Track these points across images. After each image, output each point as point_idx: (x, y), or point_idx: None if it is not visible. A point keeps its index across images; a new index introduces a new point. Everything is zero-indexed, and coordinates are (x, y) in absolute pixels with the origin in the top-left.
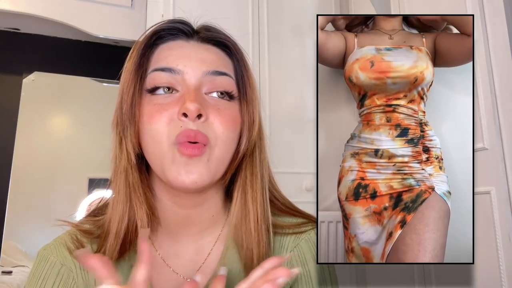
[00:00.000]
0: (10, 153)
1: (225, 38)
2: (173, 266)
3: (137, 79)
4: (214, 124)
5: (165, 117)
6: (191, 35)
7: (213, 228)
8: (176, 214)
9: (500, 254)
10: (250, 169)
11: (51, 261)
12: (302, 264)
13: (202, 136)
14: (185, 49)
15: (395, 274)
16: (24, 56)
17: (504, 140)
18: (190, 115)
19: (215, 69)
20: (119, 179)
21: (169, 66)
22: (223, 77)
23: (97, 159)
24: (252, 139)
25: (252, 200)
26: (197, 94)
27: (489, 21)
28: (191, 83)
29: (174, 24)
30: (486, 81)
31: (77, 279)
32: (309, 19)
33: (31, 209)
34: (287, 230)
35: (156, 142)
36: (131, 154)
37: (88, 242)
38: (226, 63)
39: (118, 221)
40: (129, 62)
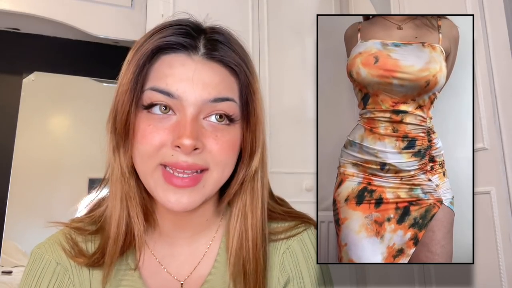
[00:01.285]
0: (10, 153)
1: (233, 60)
2: (167, 267)
3: (133, 97)
4: (211, 152)
5: (157, 141)
6: (195, 50)
7: (207, 231)
8: (170, 219)
9: (500, 254)
10: (250, 194)
11: (46, 260)
12: (294, 264)
13: (198, 166)
14: (187, 68)
15: (395, 274)
16: (24, 56)
17: (504, 140)
18: (185, 150)
19: (217, 95)
20: (115, 186)
21: (167, 89)
22: (225, 103)
23: (97, 159)
24: (252, 167)
25: (251, 226)
26: (194, 126)
27: (489, 21)
28: (189, 111)
29: (174, 38)
30: (486, 81)
31: (73, 278)
32: (309, 19)
33: (31, 209)
34: (279, 235)
35: (144, 162)
36: (124, 169)
37: (83, 240)
38: (231, 84)
39: (117, 226)
40: (126, 73)
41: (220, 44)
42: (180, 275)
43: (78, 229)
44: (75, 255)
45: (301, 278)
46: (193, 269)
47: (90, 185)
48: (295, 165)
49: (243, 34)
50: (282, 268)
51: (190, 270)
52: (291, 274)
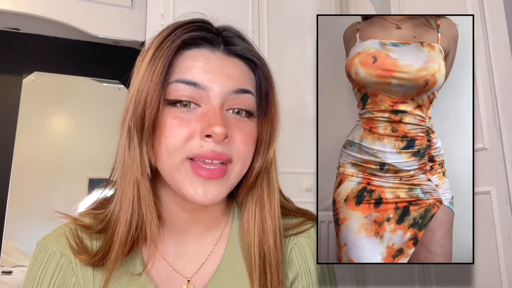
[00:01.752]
0: (10, 153)
1: (253, 54)
2: (174, 266)
3: (162, 91)
4: (236, 143)
5: (185, 133)
6: (217, 46)
7: (215, 229)
8: (180, 216)
9: (500, 254)
10: (267, 184)
11: (50, 251)
12: (302, 260)
13: (226, 156)
14: (211, 61)
15: (395, 274)
16: (24, 56)
17: (504, 140)
18: (216, 138)
19: (240, 86)
20: (128, 188)
21: (194, 80)
22: (245, 95)
23: (97, 159)
24: (269, 158)
25: (270, 217)
26: (222, 115)
27: (489, 21)
28: (216, 101)
29: (200, 33)
30: (486, 81)
31: (76, 269)
32: (309, 19)
33: (31, 209)
34: (290, 231)
35: (171, 156)
36: (147, 167)
37: (88, 238)
38: (250, 78)
39: (127, 231)
40: (151, 68)
41: (237, 40)
42: (187, 272)
43: (84, 227)
44: (78, 252)
45: (309, 274)
46: (199, 267)
47: (90, 185)
48: (295, 165)
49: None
50: (290, 264)
51: (197, 268)
52: (300, 269)
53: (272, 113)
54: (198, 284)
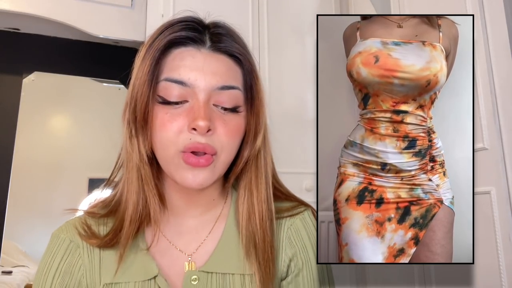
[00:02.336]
0: (10, 153)
1: (237, 50)
2: (176, 244)
3: (150, 88)
4: (220, 135)
5: (175, 127)
6: (202, 44)
7: (213, 210)
8: (180, 198)
9: (500, 254)
10: (255, 172)
11: (61, 238)
12: (299, 239)
13: (210, 148)
14: (196, 59)
15: (395, 274)
16: (24, 56)
17: (504, 140)
18: (200, 131)
19: (224, 83)
20: (132, 172)
21: (181, 78)
22: (230, 91)
23: (97, 159)
24: (256, 147)
25: (257, 201)
26: (206, 109)
27: (489, 21)
28: (201, 97)
29: (185, 33)
30: (486, 81)
31: (83, 254)
32: (309, 19)
33: (31, 209)
34: (284, 213)
35: (164, 148)
36: (144, 155)
37: (95, 224)
38: (236, 73)
39: (135, 209)
40: (142, 66)
41: (223, 37)
42: (188, 250)
43: (91, 214)
44: (88, 237)
45: (306, 251)
46: (200, 245)
47: (90, 185)
48: (295, 165)
49: (243, 34)
50: (289, 242)
51: (197, 246)
52: (297, 247)
53: (257, 105)
54: (198, 261)
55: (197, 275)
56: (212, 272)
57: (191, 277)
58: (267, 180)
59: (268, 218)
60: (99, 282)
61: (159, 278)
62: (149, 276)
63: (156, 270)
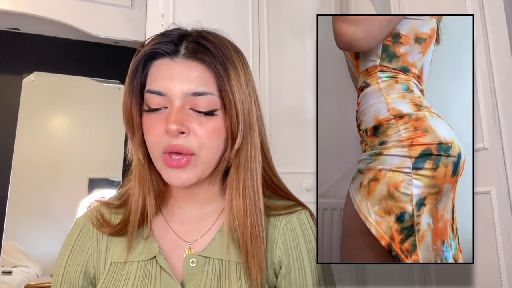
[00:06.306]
0: (10, 153)
1: (208, 56)
2: (178, 232)
3: (133, 100)
4: (197, 136)
5: (156, 131)
6: (177, 53)
7: (215, 204)
8: (180, 192)
9: (500, 254)
10: (237, 169)
11: (77, 223)
12: (293, 237)
13: (185, 148)
14: (170, 69)
15: (395, 274)
16: (24, 56)
17: (504, 140)
18: (171, 133)
19: (195, 90)
20: (135, 169)
21: (158, 89)
22: (203, 97)
23: (97, 159)
24: (235, 146)
25: (241, 196)
26: (178, 114)
27: (489, 21)
28: (175, 103)
29: (158, 47)
30: (486, 81)
31: (92, 236)
32: (309, 19)
33: (31, 209)
34: (280, 211)
35: (151, 151)
36: (140, 156)
37: (108, 213)
38: (208, 79)
39: (136, 202)
40: (126, 79)
41: (199, 46)
42: (189, 238)
43: (107, 204)
44: (100, 226)
45: (299, 250)
46: (201, 236)
47: (90, 185)
48: (295, 165)
49: (243, 34)
50: (283, 238)
51: (198, 236)
52: (291, 244)
53: (230, 109)
54: (198, 248)
55: (196, 258)
56: (209, 257)
57: (190, 260)
58: (252, 177)
59: (254, 213)
60: (105, 262)
61: (159, 257)
62: (151, 255)
63: (157, 249)
